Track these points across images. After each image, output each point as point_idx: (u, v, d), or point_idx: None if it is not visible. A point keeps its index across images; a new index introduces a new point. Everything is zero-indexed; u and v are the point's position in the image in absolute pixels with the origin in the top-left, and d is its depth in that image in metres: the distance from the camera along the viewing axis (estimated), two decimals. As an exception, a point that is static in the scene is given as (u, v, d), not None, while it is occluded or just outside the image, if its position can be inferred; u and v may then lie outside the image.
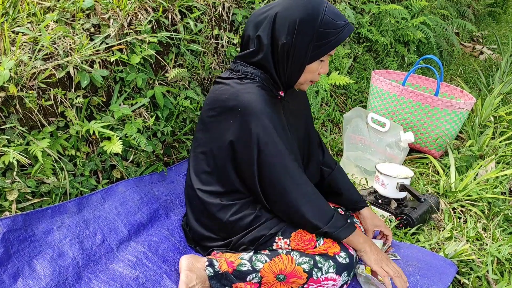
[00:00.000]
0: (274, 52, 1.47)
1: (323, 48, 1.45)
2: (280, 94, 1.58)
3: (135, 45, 1.87)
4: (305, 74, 1.51)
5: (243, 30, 1.54)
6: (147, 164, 1.90)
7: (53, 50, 1.68)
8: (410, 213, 1.99)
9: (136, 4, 1.95)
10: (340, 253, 1.50)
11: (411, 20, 3.71)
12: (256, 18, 1.49)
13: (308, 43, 1.43)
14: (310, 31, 1.42)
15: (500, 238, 2.02)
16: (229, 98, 1.48)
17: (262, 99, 1.46)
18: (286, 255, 1.49)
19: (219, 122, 1.51)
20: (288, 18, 1.43)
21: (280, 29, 1.43)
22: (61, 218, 1.52)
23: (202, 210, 1.59)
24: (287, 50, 1.45)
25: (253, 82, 1.49)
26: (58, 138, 1.65)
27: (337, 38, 1.45)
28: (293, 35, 1.42)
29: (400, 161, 2.37)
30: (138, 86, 1.86)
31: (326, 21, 1.42)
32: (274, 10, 1.45)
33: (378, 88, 2.79)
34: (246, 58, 1.52)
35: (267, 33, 1.45)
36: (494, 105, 3.21)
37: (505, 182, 2.43)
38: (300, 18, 1.42)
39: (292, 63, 1.47)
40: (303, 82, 1.54)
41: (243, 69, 1.52)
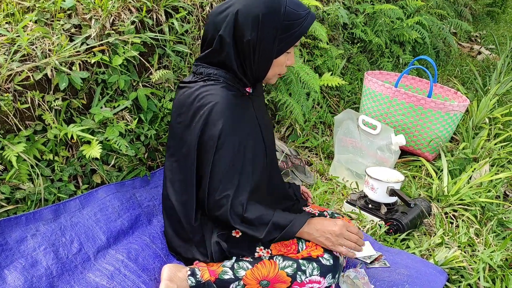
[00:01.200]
0: (239, 50, 1.44)
1: (288, 40, 1.44)
2: (248, 90, 1.55)
3: (117, 46, 1.82)
4: (273, 68, 1.49)
5: (204, 30, 1.50)
6: (129, 169, 1.85)
7: (31, 52, 1.63)
8: (400, 218, 1.94)
9: (119, 4, 1.90)
10: (324, 255, 1.49)
11: (406, 20, 3.65)
12: (216, 17, 1.44)
13: (274, 37, 1.41)
14: (274, 24, 1.40)
15: (492, 244, 1.97)
16: (193, 101, 1.45)
17: (226, 100, 1.42)
18: (269, 260, 1.47)
19: (186, 127, 1.48)
20: (250, 14, 1.39)
21: (243, 26, 1.40)
22: (36, 225, 1.47)
23: (179, 221, 1.55)
24: (253, 47, 1.42)
25: (217, 83, 1.46)
26: (35, 143, 1.60)
27: (301, 28, 1.43)
28: (257, 31, 1.40)
29: (391, 165, 2.32)
30: (121, 88, 1.81)
31: (289, 12, 1.40)
32: (234, 7, 1.41)
33: (370, 90, 2.74)
34: (208, 59, 1.48)
35: (229, 31, 1.41)
36: (489, 107, 3.16)
37: (499, 185, 2.38)
38: (263, 12, 1.39)
39: (259, 59, 1.44)
40: (271, 76, 1.52)
41: (206, 71, 1.48)
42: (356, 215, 2.06)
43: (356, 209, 2.07)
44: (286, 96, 2.51)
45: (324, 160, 2.60)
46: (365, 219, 2.04)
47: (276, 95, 2.51)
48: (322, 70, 3.02)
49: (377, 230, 1.96)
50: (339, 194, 2.28)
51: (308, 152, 2.65)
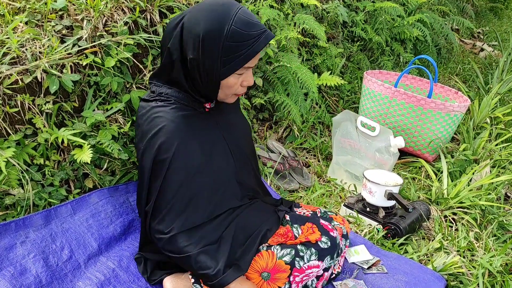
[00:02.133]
0: (186, 68, 1.37)
1: (234, 62, 1.32)
2: (207, 106, 1.48)
3: (110, 47, 1.79)
4: (223, 90, 1.39)
5: (160, 45, 1.44)
6: (122, 172, 1.82)
7: (21, 54, 1.60)
8: (399, 222, 1.91)
9: (111, 4, 1.86)
10: (322, 238, 1.48)
11: (407, 18, 3.60)
12: (168, 31, 1.37)
13: (216, 58, 1.31)
14: (215, 46, 1.30)
15: (492, 248, 1.94)
16: (143, 122, 1.41)
17: (173, 124, 1.36)
18: (267, 250, 1.45)
19: (137, 148, 1.46)
20: (192, 32, 1.31)
21: (186, 43, 1.33)
22: (25, 232, 1.44)
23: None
24: (196, 66, 1.34)
25: (167, 104, 1.40)
26: (25, 147, 1.57)
27: (251, 49, 1.31)
28: (198, 51, 1.31)
29: (390, 167, 2.29)
30: (114, 90, 1.78)
31: (234, 33, 1.29)
32: (181, 23, 1.35)
33: (370, 90, 2.70)
34: (160, 76, 1.43)
35: (176, 47, 1.35)
36: (491, 106, 3.12)
37: (500, 187, 2.34)
38: (203, 33, 1.29)
39: (204, 80, 1.36)
40: (224, 97, 1.43)
41: (158, 90, 1.44)
42: (354, 219, 2.03)
43: (353, 213, 2.04)
44: (284, 97, 2.48)
45: (322, 161, 2.56)
46: (363, 223, 2.01)
47: (274, 96, 2.48)
48: (321, 69, 2.98)
49: (375, 235, 1.93)
50: (336, 197, 2.25)
51: (306, 153, 2.62)
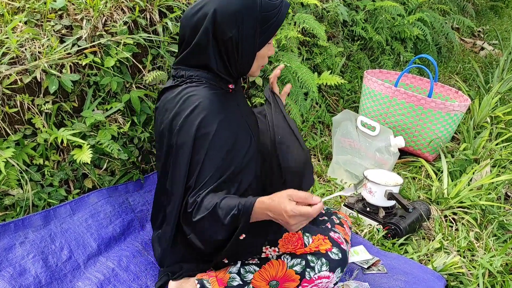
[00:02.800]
0: (220, 49, 1.42)
1: (268, 31, 1.44)
2: (231, 87, 1.52)
3: (110, 47, 1.79)
4: (256, 61, 1.49)
5: (179, 34, 1.47)
6: (122, 172, 1.81)
7: (20, 54, 1.60)
8: (399, 222, 1.90)
9: (111, 4, 1.86)
10: (332, 249, 1.46)
11: (407, 17, 3.59)
12: (191, 19, 1.42)
13: (254, 30, 1.41)
14: (253, 18, 1.40)
15: (493, 248, 1.93)
16: (176, 104, 1.40)
17: (209, 100, 1.39)
18: (277, 259, 1.44)
19: (169, 132, 1.42)
20: (228, 11, 1.38)
21: (223, 24, 1.38)
22: (25, 232, 1.44)
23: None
24: (235, 43, 1.40)
25: (199, 84, 1.43)
26: (24, 147, 1.57)
27: (278, 17, 1.44)
28: (238, 27, 1.39)
29: (390, 167, 2.28)
30: (113, 90, 1.78)
31: (265, 4, 1.41)
32: (209, 7, 1.39)
33: (370, 89, 2.69)
34: (187, 61, 1.45)
35: (209, 31, 1.39)
36: (491, 105, 3.11)
37: (500, 187, 2.34)
38: (241, 8, 1.38)
39: (242, 54, 1.43)
40: (256, 69, 1.52)
41: (187, 73, 1.45)
42: (354, 219, 2.02)
43: (354, 213, 2.04)
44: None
45: (322, 161, 2.56)
46: (363, 223, 2.00)
47: (274, 95, 2.47)
48: (322, 68, 2.97)
49: (375, 235, 1.93)
50: (336, 197, 2.24)
51: (306, 152, 2.61)
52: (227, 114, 1.43)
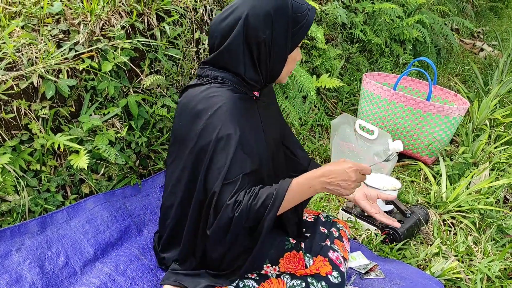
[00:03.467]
0: (252, 52, 1.42)
1: (299, 33, 1.46)
2: (255, 94, 1.51)
3: (107, 51, 1.78)
4: (287, 65, 1.50)
5: (209, 38, 1.47)
6: (119, 177, 1.81)
7: (17, 59, 1.59)
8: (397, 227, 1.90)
9: (108, 8, 1.85)
10: (332, 272, 1.46)
11: (406, 19, 3.59)
12: (221, 24, 1.42)
13: (286, 32, 1.42)
14: (285, 19, 1.41)
15: (491, 253, 1.93)
16: (197, 103, 1.40)
17: (231, 102, 1.38)
18: (276, 278, 1.42)
19: (188, 129, 1.42)
20: (261, 14, 1.39)
21: (255, 27, 1.39)
22: (21, 239, 1.43)
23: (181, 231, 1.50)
24: (268, 45, 1.41)
25: (224, 86, 1.42)
26: (21, 153, 1.56)
27: (308, 19, 1.46)
28: (271, 28, 1.40)
29: (388, 171, 2.28)
30: (110, 95, 1.77)
31: (295, 6, 1.43)
32: (240, 11, 1.39)
33: (369, 92, 2.69)
34: (215, 62, 1.45)
35: (241, 35, 1.39)
36: (490, 108, 3.11)
37: (499, 190, 2.33)
38: (273, 9, 1.39)
39: (275, 57, 1.44)
40: (285, 74, 1.52)
41: (213, 73, 1.45)
42: (352, 224, 2.02)
43: (352, 217, 2.03)
44: (282, 100, 2.47)
45: (321, 164, 2.55)
46: (361, 227, 2.00)
47: (272, 99, 2.47)
48: (320, 71, 2.97)
49: (372, 239, 1.92)
50: (335, 201, 2.24)
51: (305, 155, 2.61)
52: (247, 118, 1.43)
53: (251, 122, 1.45)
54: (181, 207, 1.48)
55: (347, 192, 1.36)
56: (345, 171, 1.32)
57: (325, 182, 1.32)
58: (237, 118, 1.37)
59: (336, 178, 1.32)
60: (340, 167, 1.33)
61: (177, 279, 1.44)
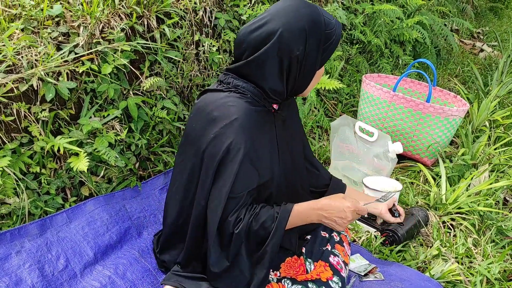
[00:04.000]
0: (283, 66, 1.41)
1: (329, 49, 1.47)
2: (274, 107, 1.51)
3: (107, 54, 1.78)
4: (314, 80, 1.50)
5: (236, 48, 1.45)
6: (119, 179, 1.81)
7: (17, 62, 1.59)
8: (396, 229, 1.90)
9: (108, 11, 1.86)
10: (333, 277, 1.47)
11: (406, 20, 3.59)
12: (251, 35, 1.40)
13: (318, 48, 1.42)
14: (318, 36, 1.41)
15: (491, 255, 1.93)
16: (214, 109, 1.40)
17: (247, 116, 1.38)
18: (277, 283, 1.43)
19: (200, 134, 1.42)
20: (296, 29, 1.38)
21: (289, 42, 1.38)
22: (21, 242, 1.44)
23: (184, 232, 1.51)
24: (300, 61, 1.41)
25: (242, 97, 1.42)
26: (21, 155, 1.57)
27: (337, 35, 1.46)
28: (305, 44, 1.39)
29: (388, 172, 2.28)
30: (110, 97, 1.77)
31: (327, 22, 1.42)
32: (272, 25, 1.38)
33: (368, 94, 2.69)
34: (240, 71, 1.44)
35: (274, 49, 1.37)
36: (490, 109, 3.11)
37: (499, 192, 2.33)
38: (308, 26, 1.39)
39: (304, 72, 1.44)
40: (310, 88, 1.53)
41: (234, 82, 1.44)
42: (352, 225, 2.02)
43: (351, 219, 2.03)
44: (282, 101, 2.47)
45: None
46: (361, 229, 2.00)
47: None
48: (320, 72, 2.97)
49: (372, 242, 1.92)
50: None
51: (305, 157, 2.61)
52: (261, 132, 1.43)
53: (265, 136, 1.45)
54: (182, 207, 1.48)
55: (340, 229, 1.43)
56: (343, 210, 1.39)
57: (322, 216, 1.40)
58: (250, 132, 1.37)
59: (333, 214, 1.39)
60: (340, 204, 1.40)
61: (178, 281, 1.44)
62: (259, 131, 1.41)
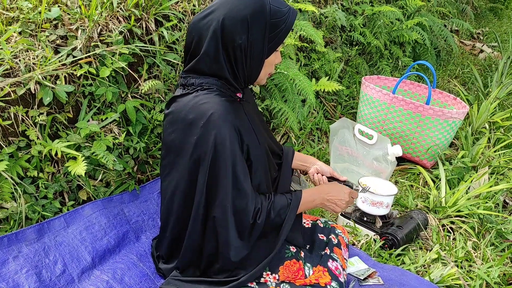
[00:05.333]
0: (229, 55, 1.41)
1: (277, 38, 1.45)
2: (239, 96, 1.52)
3: (105, 57, 1.78)
4: (264, 69, 1.49)
5: (186, 41, 1.46)
6: (117, 183, 1.80)
7: (14, 65, 1.59)
8: (396, 233, 1.89)
9: (106, 13, 1.85)
10: (331, 283, 1.48)
11: (406, 21, 3.58)
12: (198, 26, 1.41)
13: (263, 37, 1.41)
14: (262, 25, 1.40)
15: (490, 258, 1.92)
16: (188, 113, 1.40)
17: (222, 107, 1.38)
18: (276, 287, 1.43)
19: (182, 141, 1.41)
20: (237, 18, 1.38)
21: (231, 31, 1.38)
22: (18, 246, 1.43)
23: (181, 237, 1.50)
24: (244, 50, 1.40)
25: (210, 92, 1.42)
26: (18, 159, 1.56)
27: (287, 25, 1.44)
28: (247, 33, 1.39)
29: (387, 175, 2.27)
30: (108, 100, 1.77)
31: (274, 10, 1.40)
32: (217, 14, 1.38)
33: (368, 96, 2.68)
34: (197, 69, 1.44)
35: (218, 38, 1.38)
36: (490, 111, 3.10)
37: (499, 194, 2.33)
38: (250, 14, 1.38)
39: (251, 61, 1.44)
40: (263, 77, 1.52)
41: (197, 81, 1.44)
42: (351, 229, 2.01)
43: (350, 222, 2.03)
44: (281, 104, 2.46)
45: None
46: (360, 233, 1.99)
47: (271, 103, 2.46)
48: (319, 74, 2.96)
49: (371, 245, 1.92)
50: (334, 205, 2.23)
51: (304, 159, 2.60)
52: (240, 121, 1.44)
53: (242, 122, 1.46)
54: (179, 219, 1.47)
55: (338, 210, 1.60)
56: (343, 192, 1.60)
57: (325, 199, 1.57)
58: (231, 122, 1.38)
59: (335, 197, 1.58)
60: (339, 188, 1.61)
61: (177, 285, 1.44)
62: (236, 118, 1.42)
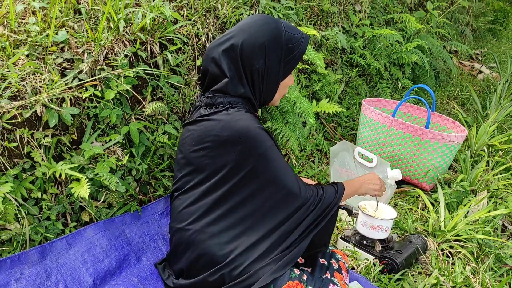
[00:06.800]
0: (247, 78, 1.54)
1: (292, 62, 1.59)
2: (256, 115, 1.65)
3: (110, 79, 1.81)
4: (279, 90, 1.64)
5: (204, 65, 1.58)
6: (120, 204, 1.82)
7: (21, 88, 1.61)
8: (395, 257, 1.90)
9: (112, 37, 1.88)
10: None
11: (406, 44, 3.63)
12: (217, 48, 1.53)
13: (279, 61, 1.55)
14: (278, 50, 1.53)
15: (489, 284, 1.93)
16: (222, 131, 1.50)
17: (255, 122, 1.51)
18: None
19: (213, 158, 1.52)
20: (256, 44, 1.51)
21: (250, 56, 1.51)
22: (20, 268, 1.44)
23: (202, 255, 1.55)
24: (261, 73, 1.53)
25: (240, 109, 1.53)
26: (23, 181, 1.58)
27: (300, 49, 1.59)
28: (264, 58, 1.52)
29: (387, 199, 2.29)
30: (112, 122, 1.79)
31: (289, 37, 1.55)
32: (236, 39, 1.51)
33: (368, 118, 2.71)
34: (224, 90, 1.55)
35: (237, 62, 1.51)
36: (489, 133, 3.13)
37: (497, 218, 2.34)
38: (268, 41, 1.51)
39: (267, 83, 1.57)
40: (278, 98, 1.68)
41: (226, 100, 1.55)
42: (351, 252, 2.02)
43: (350, 246, 2.04)
44: (282, 126, 2.49)
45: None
46: (360, 257, 2.00)
47: (272, 124, 2.49)
48: (320, 95, 3.00)
49: (371, 269, 1.92)
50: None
51: (304, 181, 2.62)
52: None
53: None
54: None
55: (375, 192, 1.87)
56: (377, 178, 1.89)
57: (365, 185, 1.83)
58: (267, 132, 1.52)
59: (372, 182, 1.85)
60: (373, 175, 1.90)
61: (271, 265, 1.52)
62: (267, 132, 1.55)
